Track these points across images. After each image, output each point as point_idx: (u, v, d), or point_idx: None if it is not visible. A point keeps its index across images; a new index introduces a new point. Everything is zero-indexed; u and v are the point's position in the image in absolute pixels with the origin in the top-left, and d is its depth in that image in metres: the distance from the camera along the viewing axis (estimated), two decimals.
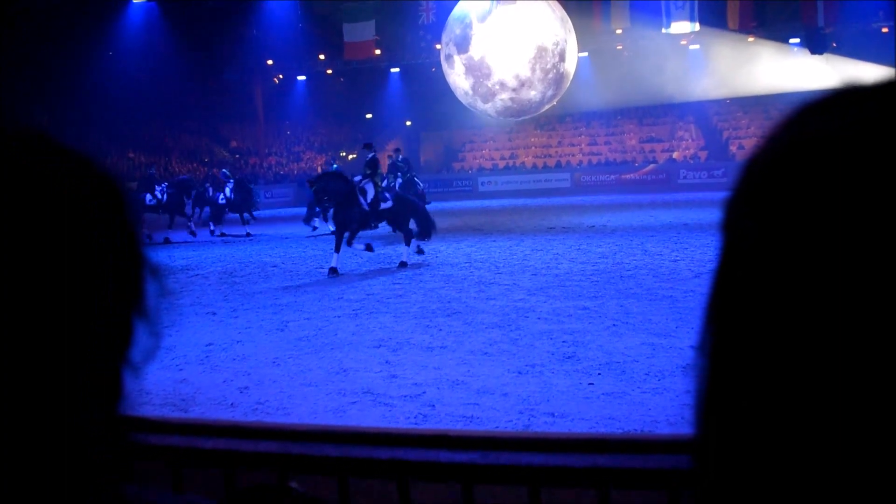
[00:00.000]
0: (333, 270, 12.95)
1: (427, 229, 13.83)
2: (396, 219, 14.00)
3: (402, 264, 13.40)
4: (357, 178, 14.11)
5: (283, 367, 7.04)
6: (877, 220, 0.40)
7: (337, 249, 13.25)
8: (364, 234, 14.04)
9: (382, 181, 15.50)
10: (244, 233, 21.85)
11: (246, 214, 23.09)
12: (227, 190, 23.01)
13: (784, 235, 0.43)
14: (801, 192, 0.43)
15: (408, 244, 13.80)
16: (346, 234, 13.38)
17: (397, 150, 19.07)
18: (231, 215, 23.51)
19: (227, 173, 24.45)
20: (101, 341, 0.60)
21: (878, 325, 0.40)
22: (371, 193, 13.79)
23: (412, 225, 13.88)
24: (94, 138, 32.63)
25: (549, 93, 15.85)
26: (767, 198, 0.44)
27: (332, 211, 14.67)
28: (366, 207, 13.61)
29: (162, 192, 21.94)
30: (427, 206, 16.24)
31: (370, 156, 14.54)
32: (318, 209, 20.21)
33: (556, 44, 15.37)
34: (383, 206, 13.82)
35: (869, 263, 0.40)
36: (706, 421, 0.48)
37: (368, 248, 13.69)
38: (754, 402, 0.44)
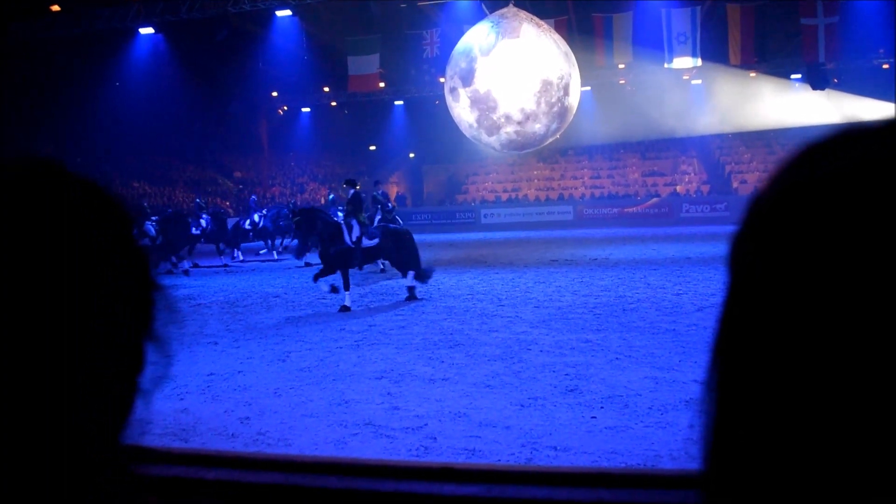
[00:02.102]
0: None
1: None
2: None
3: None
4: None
5: (285, 397, 7.01)
6: (878, 257, 0.41)
7: None
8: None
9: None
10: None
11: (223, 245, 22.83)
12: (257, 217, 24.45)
13: (789, 271, 0.44)
14: (804, 230, 0.44)
15: None
16: None
17: (377, 183, 17.62)
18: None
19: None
20: (113, 365, 0.60)
21: (885, 358, 0.40)
22: None
23: None
24: (99, 168, 32.81)
25: (554, 126, 15.92)
26: (772, 236, 0.45)
27: None
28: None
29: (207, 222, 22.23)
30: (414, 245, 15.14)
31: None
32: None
33: (561, 78, 15.47)
34: None
35: (873, 299, 0.41)
36: (714, 456, 0.49)
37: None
38: (763, 436, 0.45)
